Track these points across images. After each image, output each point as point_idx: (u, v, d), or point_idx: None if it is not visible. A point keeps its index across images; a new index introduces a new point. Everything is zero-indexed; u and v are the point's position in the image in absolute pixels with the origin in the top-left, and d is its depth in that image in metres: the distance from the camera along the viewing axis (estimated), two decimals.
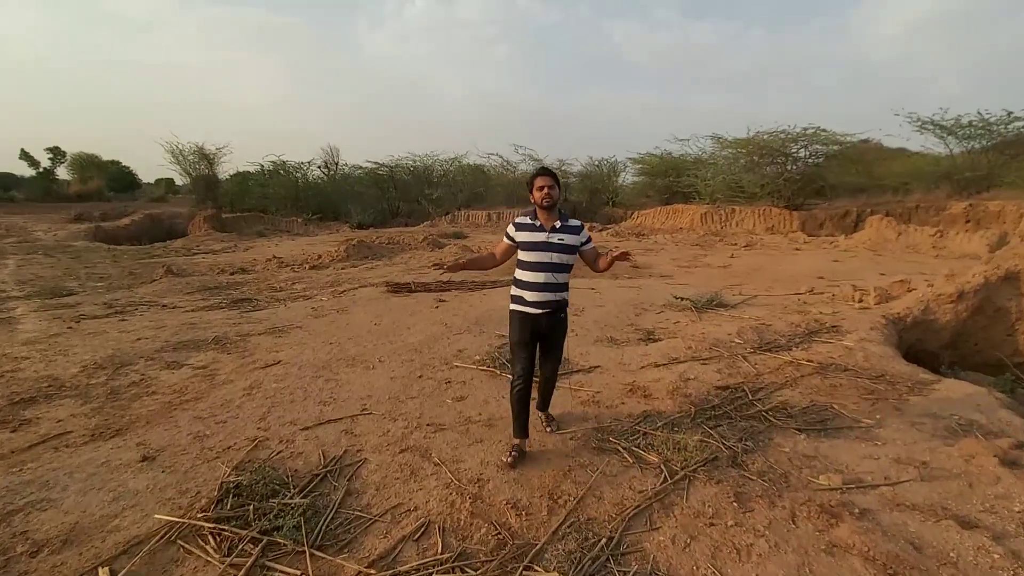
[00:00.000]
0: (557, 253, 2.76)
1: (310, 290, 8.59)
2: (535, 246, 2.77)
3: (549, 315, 2.80)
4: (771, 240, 16.07)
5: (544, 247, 2.75)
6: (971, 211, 15.84)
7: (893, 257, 12.58)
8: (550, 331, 2.87)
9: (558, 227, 2.78)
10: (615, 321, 5.94)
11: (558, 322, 2.88)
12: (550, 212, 2.79)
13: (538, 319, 2.79)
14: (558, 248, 2.76)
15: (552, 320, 2.83)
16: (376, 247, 13.54)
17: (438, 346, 4.93)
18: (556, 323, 2.87)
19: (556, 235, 2.76)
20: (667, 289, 8.34)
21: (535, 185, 2.79)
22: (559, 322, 2.88)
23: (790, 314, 6.35)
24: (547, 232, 2.77)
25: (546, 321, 2.81)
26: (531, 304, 2.78)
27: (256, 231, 21.44)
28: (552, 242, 2.75)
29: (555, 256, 2.76)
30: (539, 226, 2.79)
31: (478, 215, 25.74)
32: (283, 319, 6.24)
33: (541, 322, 2.80)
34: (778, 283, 9.26)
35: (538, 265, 2.76)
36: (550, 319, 2.82)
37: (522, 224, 2.85)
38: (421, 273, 10.18)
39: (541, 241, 2.76)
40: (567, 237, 2.78)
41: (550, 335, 2.89)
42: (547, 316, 2.80)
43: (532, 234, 2.78)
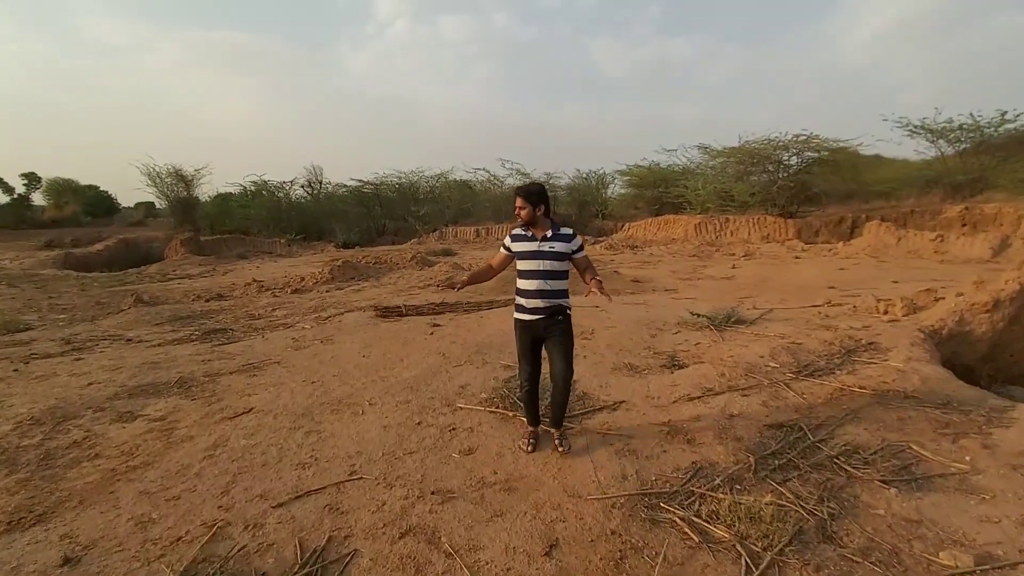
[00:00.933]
0: (548, 260, 2.88)
1: (292, 317, 7.91)
2: (528, 255, 2.91)
3: (545, 319, 2.92)
4: (769, 249, 15.73)
5: (536, 255, 2.89)
6: (967, 214, 15.65)
7: (897, 263, 12.25)
8: (549, 334, 2.96)
9: (549, 236, 2.91)
10: (630, 344, 5.37)
11: (555, 324, 2.95)
12: (536, 224, 2.94)
13: (535, 324, 2.94)
14: (549, 256, 2.88)
15: (549, 323, 2.94)
16: (362, 267, 12.89)
17: (437, 382, 4.30)
18: (553, 325, 2.95)
19: (547, 243, 2.89)
20: (675, 305, 7.82)
21: (516, 204, 2.95)
22: (557, 324, 2.95)
23: (817, 330, 5.83)
24: (538, 241, 2.90)
25: (543, 325, 2.94)
26: (528, 311, 2.94)
27: (237, 253, 20.66)
28: (543, 250, 2.88)
29: (546, 263, 2.88)
30: (531, 236, 2.94)
31: (466, 231, 25.21)
32: (260, 353, 5.57)
33: (539, 327, 2.95)
34: (789, 295, 8.79)
35: (531, 273, 2.90)
36: (547, 322, 2.93)
37: (517, 235, 3.00)
38: (411, 294, 9.55)
39: (533, 250, 2.90)
40: (558, 245, 2.90)
41: (550, 338, 2.97)
42: (543, 320, 2.92)
43: (525, 244, 2.93)
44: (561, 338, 2.97)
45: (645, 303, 8.10)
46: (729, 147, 19.38)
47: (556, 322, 2.95)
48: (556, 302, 2.92)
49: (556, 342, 2.97)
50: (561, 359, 2.97)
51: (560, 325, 2.97)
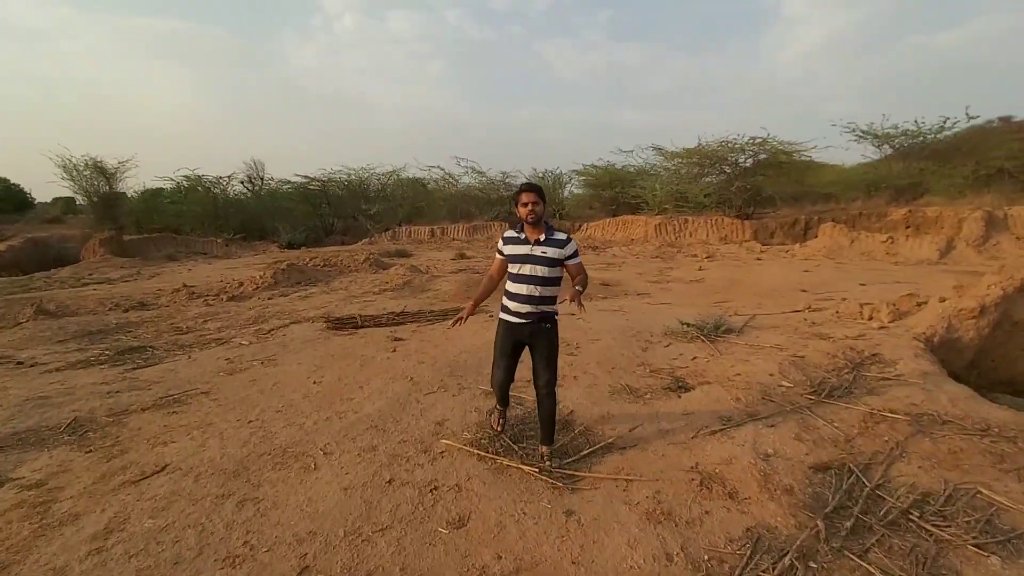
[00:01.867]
0: (540, 266, 2.77)
1: (227, 330, 6.88)
2: (519, 258, 2.79)
3: (531, 324, 2.83)
4: (728, 250, 15.75)
5: (527, 259, 2.78)
6: (910, 217, 16.24)
7: (856, 265, 12.42)
8: (533, 341, 2.88)
9: (542, 240, 2.79)
10: (622, 360, 4.81)
11: (542, 331, 2.85)
12: (535, 226, 2.80)
13: (520, 328, 2.85)
14: (541, 261, 2.77)
15: (534, 328, 2.84)
16: (310, 270, 11.80)
17: (407, 417, 3.56)
18: (539, 332, 2.85)
19: (539, 248, 2.78)
20: (653, 311, 7.37)
21: (520, 201, 2.79)
22: (543, 331, 2.86)
23: (811, 339, 5.48)
24: (531, 245, 2.79)
25: (528, 330, 2.85)
26: (514, 314, 2.84)
27: (166, 255, 18.84)
28: (535, 255, 2.77)
29: (538, 269, 2.77)
30: (524, 239, 2.82)
31: (420, 231, 24.22)
32: (184, 379, 4.62)
33: (523, 331, 2.86)
34: (764, 298, 8.55)
35: (521, 277, 2.79)
36: (532, 328, 2.84)
37: (509, 237, 2.87)
38: (367, 301, 8.66)
39: (525, 254, 2.78)
40: (550, 250, 2.78)
41: (535, 345, 2.88)
42: (529, 326, 2.84)
43: (517, 247, 2.82)
44: (546, 347, 2.87)
45: (621, 309, 7.61)
46: (685, 148, 19.41)
47: (543, 330, 2.85)
48: (545, 309, 2.83)
49: (540, 350, 2.88)
50: (545, 368, 2.88)
51: (546, 334, 2.87)
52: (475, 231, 24.21)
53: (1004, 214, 14.20)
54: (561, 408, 3.63)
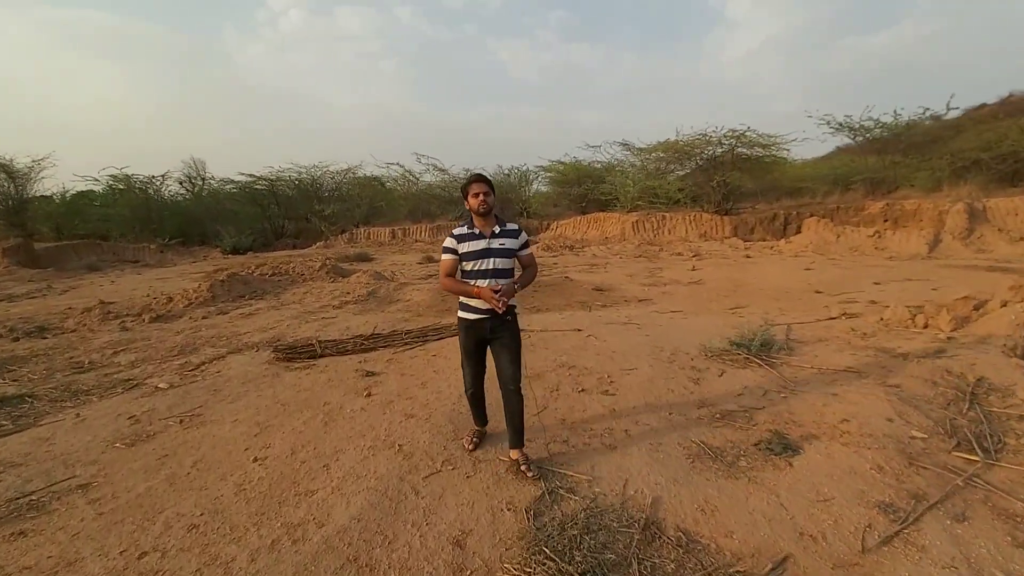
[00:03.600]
0: (499, 258, 2.68)
1: (143, 365, 5.34)
2: (476, 254, 2.67)
3: (492, 319, 2.71)
4: (712, 248, 15.03)
5: (485, 254, 2.67)
6: (888, 211, 15.99)
7: (850, 261, 11.84)
8: (495, 335, 2.75)
9: (497, 232, 2.71)
10: (675, 398, 3.67)
11: (503, 324, 2.73)
12: (487, 218, 2.70)
13: (481, 324, 2.74)
14: (499, 253, 2.68)
15: (496, 323, 2.72)
16: (256, 281, 10.16)
17: (404, 532, 2.26)
18: (500, 325, 2.73)
19: (496, 240, 2.69)
20: (674, 324, 6.29)
21: (470, 192, 2.67)
22: (504, 324, 2.73)
23: (880, 357, 4.52)
24: (487, 239, 2.68)
25: (489, 325, 2.73)
26: (474, 310, 2.72)
27: (87, 264, 16.53)
28: (493, 247, 2.68)
29: (496, 261, 2.68)
30: (478, 233, 2.70)
31: (380, 232, 22.57)
32: (59, 457, 3.15)
33: (484, 327, 2.74)
34: (781, 302, 7.65)
35: (480, 273, 2.68)
36: (493, 323, 2.72)
37: (462, 235, 2.72)
38: (325, 318, 7.22)
39: (482, 248, 2.67)
40: (507, 241, 2.72)
41: (497, 339, 2.76)
42: (490, 320, 2.71)
43: (474, 243, 2.68)
44: (509, 340, 2.76)
45: (632, 321, 6.50)
46: (659, 142, 18.66)
47: (504, 322, 2.74)
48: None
49: (504, 344, 2.76)
50: (509, 362, 2.76)
51: (508, 326, 2.76)
52: (439, 231, 22.75)
53: (983, 206, 14.04)
54: (636, 495, 2.44)
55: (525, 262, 2.84)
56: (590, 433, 3.19)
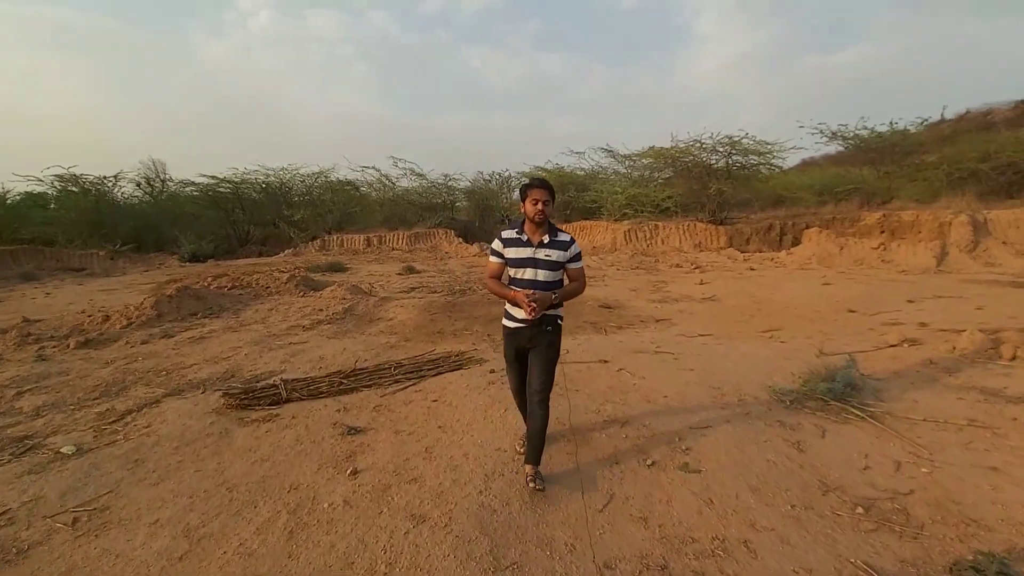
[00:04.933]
0: (543, 270, 2.59)
1: (51, 412, 4.07)
2: (521, 262, 2.61)
3: (532, 328, 2.61)
4: (710, 259, 14.26)
5: (530, 263, 2.59)
6: (885, 222, 15.56)
7: (863, 275, 11.17)
8: (533, 344, 2.65)
9: (546, 242, 2.61)
10: (782, 475, 2.66)
11: (542, 334, 2.63)
12: (540, 226, 2.61)
13: (521, 333, 2.66)
14: (544, 265, 2.59)
15: (535, 332, 2.62)
16: (212, 295, 8.82)
17: None
18: (540, 335, 2.63)
19: (543, 251, 2.60)
20: (717, 354, 5.33)
21: (530, 196, 2.58)
22: (543, 334, 2.63)
23: (993, 403, 3.63)
24: (534, 247, 2.60)
25: (529, 334, 2.64)
26: (515, 319, 2.65)
27: (21, 273, 14.73)
28: (538, 258, 2.59)
29: (540, 273, 2.59)
30: (526, 240, 2.62)
31: (355, 239, 21.19)
32: None
33: (524, 335, 2.66)
34: (815, 323, 6.78)
35: (524, 283, 2.59)
36: (533, 331, 2.63)
37: (509, 239, 2.65)
38: (294, 344, 6.01)
39: (527, 257, 2.59)
40: (554, 253, 2.60)
41: (534, 347, 2.66)
42: (529, 329, 2.62)
43: (519, 249, 2.61)
44: (545, 349, 2.64)
45: (660, 347, 5.52)
46: (652, 147, 17.93)
47: (543, 332, 2.63)
48: (547, 313, 2.58)
49: (538, 353, 2.64)
50: (539, 371, 2.62)
51: (547, 336, 2.64)
52: (417, 239, 21.52)
53: (984, 218, 13.68)
54: None
55: (572, 275, 2.73)
56: (695, 549, 2.14)
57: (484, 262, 15.24)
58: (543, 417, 2.62)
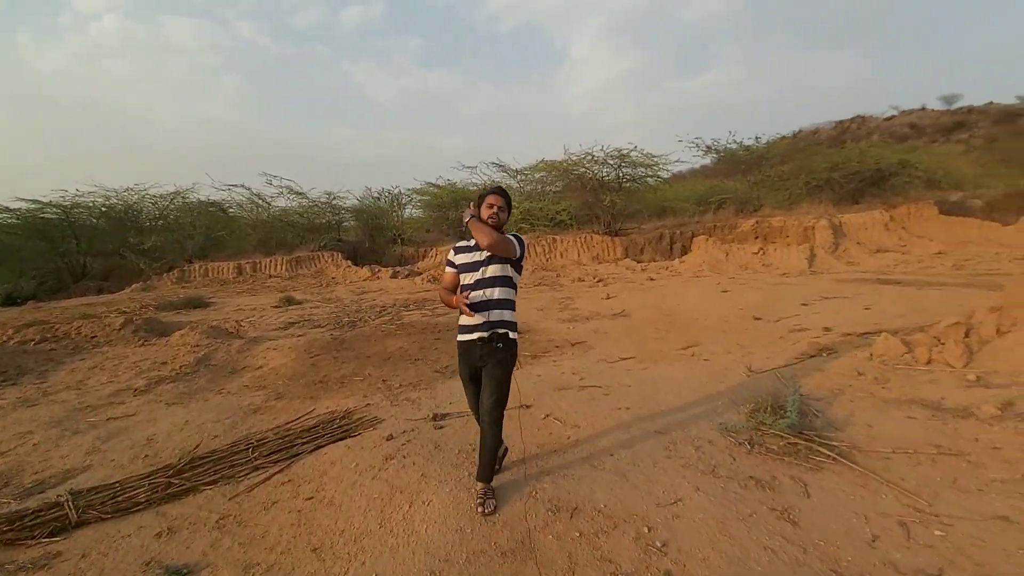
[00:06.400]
0: (491, 265, 2.54)
1: None
2: (471, 266, 2.59)
3: (484, 343, 2.55)
4: (609, 271, 14.24)
5: (478, 265, 2.57)
6: (759, 227, 16.75)
7: (749, 277, 11.62)
8: (484, 362, 2.57)
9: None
10: (786, 568, 2.00)
11: (493, 352, 2.55)
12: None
13: (472, 347, 2.59)
14: (496, 260, 2.54)
15: (486, 349, 2.55)
16: (8, 353, 6.70)
17: None
18: (490, 353, 2.55)
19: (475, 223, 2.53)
20: (638, 380, 4.78)
21: (486, 202, 2.60)
22: (495, 352, 2.55)
23: (952, 419, 3.39)
24: (482, 250, 2.56)
25: (480, 352, 2.57)
26: (466, 329, 2.61)
27: None
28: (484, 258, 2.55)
29: (488, 269, 2.55)
30: (474, 245, 2.61)
31: (223, 268, 18.58)
32: None
33: (475, 352, 2.59)
34: (728, 335, 6.58)
35: (472, 285, 2.56)
36: (484, 348, 2.55)
37: (461, 247, 2.69)
38: (113, 421, 4.47)
39: (477, 260, 2.58)
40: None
41: (485, 365, 2.58)
42: (483, 345, 2.55)
43: (470, 254, 2.62)
44: (495, 367, 2.56)
45: (583, 379, 4.89)
46: (544, 161, 17.83)
47: (494, 349, 2.55)
48: (493, 315, 2.54)
49: (489, 372, 2.57)
50: (490, 391, 2.56)
51: (497, 354, 2.56)
52: (298, 264, 19.43)
53: (840, 222, 15.16)
54: None
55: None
56: None
57: (375, 286, 13.74)
58: (494, 436, 2.59)
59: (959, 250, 13.32)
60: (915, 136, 42.31)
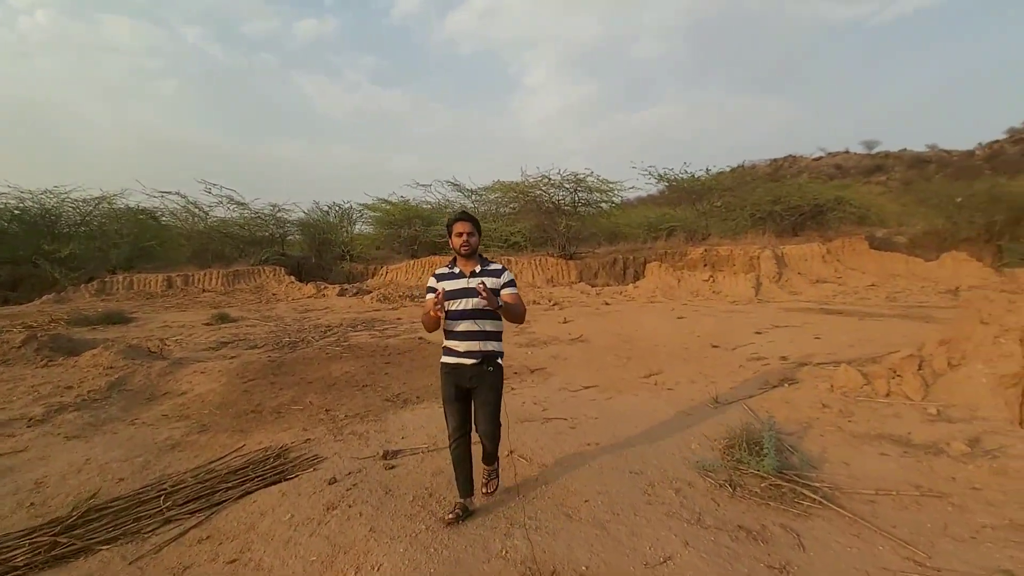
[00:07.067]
0: (478, 298, 2.48)
1: None
2: (457, 293, 2.60)
3: (475, 366, 2.62)
4: (565, 294, 14.14)
5: (465, 293, 2.59)
6: (707, 255, 17.23)
7: (702, 304, 11.79)
8: (475, 384, 2.65)
9: (478, 271, 2.65)
10: None
11: (484, 375, 2.63)
12: (469, 258, 2.68)
13: (462, 370, 2.63)
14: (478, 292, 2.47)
15: (478, 371, 2.62)
16: None
17: None
18: (481, 376, 2.63)
19: (476, 279, 2.57)
20: (604, 411, 4.54)
21: (454, 231, 2.66)
22: (486, 375, 2.63)
23: (927, 457, 3.32)
24: (467, 278, 2.63)
25: (470, 373, 2.63)
26: (460, 354, 2.63)
27: None
28: (472, 287, 2.54)
29: (475, 301, 2.55)
30: (459, 273, 2.67)
31: (150, 280, 17.16)
32: None
33: (464, 374, 2.64)
34: (689, 363, 6.50)
35: (460, 313, 2.60)
36: (475, 370, 2.62)
37: (443, 274, 2.72)
38: None
39: (462, 288, 2.61)
40: (488, 280, 2.57)
41: (477, 390, 2.66)
42: (473, 367, 2.62)
43: (454, 281, 2.64)
44: (488, 393, 2.65)
45: (549, 410, 4.60)
46: (499, 182, 17.73)
47: (485, 372, 2.63)
48: (490, 346, 2.64)
49: (482, 399, 2.67)
50: (486, 418, 2.68)
51: (489, 378, 2.64)
52: (236, 279, 18.24)
53: (782, 252, 15.82)
54: None
55: (510, 300, 2.63)
56: None
57: (321, 304, 12.99)
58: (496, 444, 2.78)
59: (889, 282, 14.12)
60: (840, 176, 45.41)
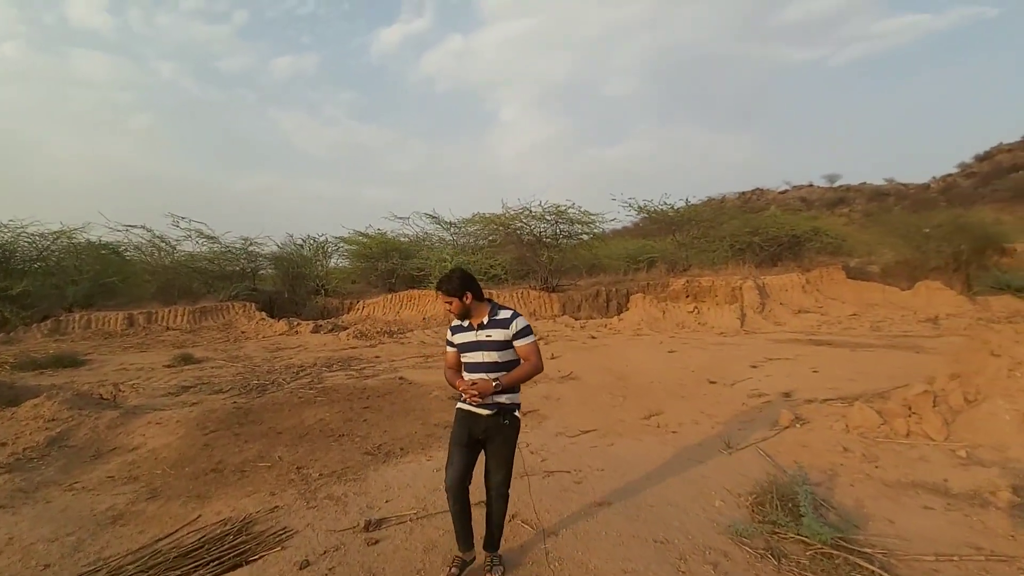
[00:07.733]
0: (489, 351, 2.52)
1: None
2: (469, 346, 2.58)
3: (490, 417, 2.53)
4: (549, 328, 13.77)
5: (476, 346, 2.56)
6: (689, 287, 17.19)
7: (690, 336, 11.56)
8: (489, 436, 2.56)
9: (486, 323, 2.56)
10: None
11: (500, 427, 2.55)
12: (472, 312, 2.58)
13: (477, 420, 2.55)
14: (488, 346, 2.53)
15: (494, 423, 2.54)
16: None
17: None
18: (495, 428, 2.55)
19: (484, 331, 2.55)
20: (611, 462, 4.12)
21: (440, 300, 2.64)
22: (501, 427, 2.56)
23: (976, 509, 2.99)
24: (475, 330, 2.57)
25: (485, 424, 2.54)
26: (476, 404, 2.53)
27: None
28: (481, 340, 2.55)
29: (488, 355, 2.53)
30: (468, 325, 2.61)
31: (110, 318, 16.18)
32: None
33: (479, 424, 2.55)
34: (688, 400, 6.16)
35: (473, 366, 2.57)
36: (490, 421, 2.54)
37: (456, 327, 2.68)
38: None
39: (472, 341, 2.57)
40: (495, 332, 2.54)
41: (489, 440, 2.58)
42: (488, 419, 2.53)
43: (464, 334, 2.61)
44: (501, 446, 2.58)
45: (549, 459, 4.16)
46: (479, 214, 17.53)
47: (500, 425, 2.55)
48: (508, 397, 2.56)
49: (494, 450, 2.59)
50: (498, 468, 2.60)
51: (504, 431, 2.57)
52: (203, 316, 17.39)
53: (763, 283, 15.86)
54: None
55: (522, 354, 2.56)
56: None
57: (294, 342, 12.29)
58: (504, 509, 2.64)
59: (869, 312, 14.18)
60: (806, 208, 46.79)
